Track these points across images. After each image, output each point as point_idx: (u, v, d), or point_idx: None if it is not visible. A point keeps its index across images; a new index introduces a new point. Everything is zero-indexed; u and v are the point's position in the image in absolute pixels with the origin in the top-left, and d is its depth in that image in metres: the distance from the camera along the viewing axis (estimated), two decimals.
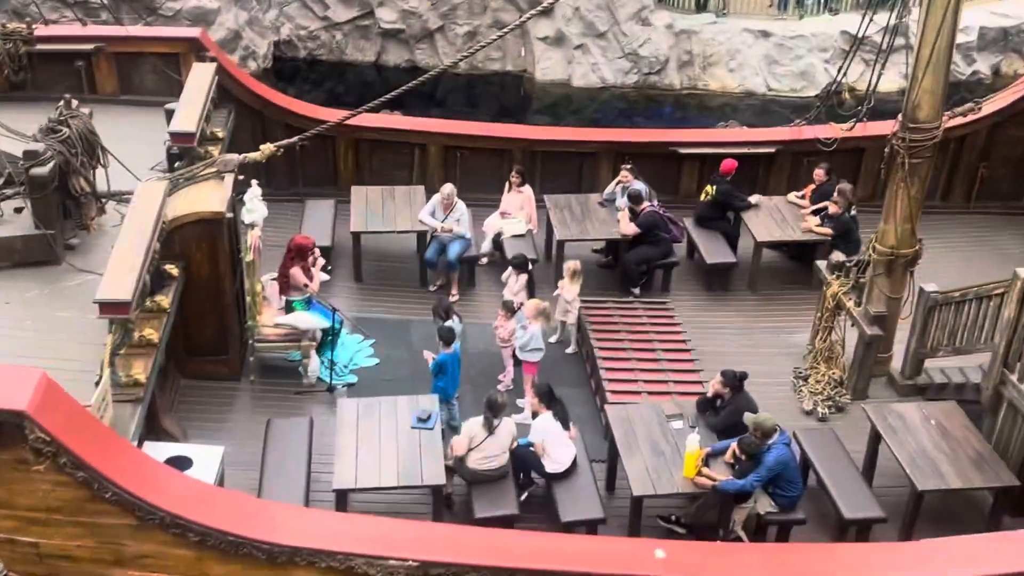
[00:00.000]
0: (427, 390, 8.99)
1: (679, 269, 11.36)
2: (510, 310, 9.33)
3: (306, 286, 9.14)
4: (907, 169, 8.75)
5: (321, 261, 9.43)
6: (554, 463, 8.14)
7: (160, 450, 7.57)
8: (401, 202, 11.39)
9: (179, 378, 9.24)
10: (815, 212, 11.33)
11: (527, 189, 11.36)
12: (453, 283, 10.98)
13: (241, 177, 9.27)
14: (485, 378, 9.74)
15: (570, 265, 9.94)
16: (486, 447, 7.96)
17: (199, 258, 8.77)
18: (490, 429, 7.92)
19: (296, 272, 9.19)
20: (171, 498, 6.34)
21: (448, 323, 9.03)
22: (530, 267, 9.94)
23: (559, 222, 11.18)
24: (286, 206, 12.39)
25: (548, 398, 8.10)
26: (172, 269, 8.57)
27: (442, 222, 10.81)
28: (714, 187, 11.45)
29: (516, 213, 11.38)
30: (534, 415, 8.33)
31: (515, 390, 9.57)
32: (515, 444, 8.15)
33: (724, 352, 10.10)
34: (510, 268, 9.81)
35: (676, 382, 9.23)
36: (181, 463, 7.44)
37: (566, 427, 8.12)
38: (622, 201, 11.27)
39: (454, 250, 10.83)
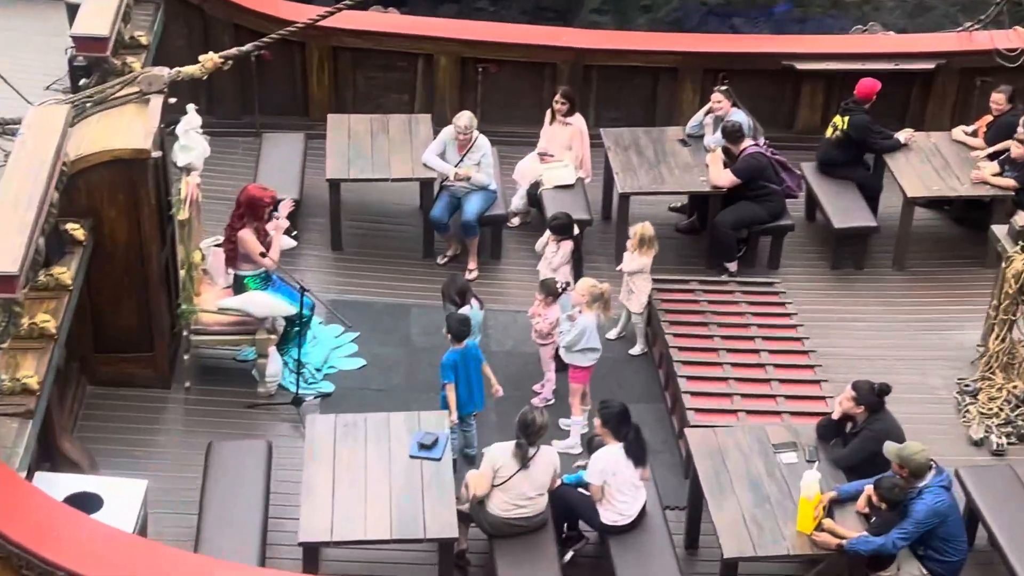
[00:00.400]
0: (433, 403, 9.01)
1: (794, 236, 11.30)
2: (552, 293, 9.31)
3: (263, 256, 9.17)
4: None
5: (284, 222, 9.46)
6: (615, 513, 8.11)
7: (58, 484, 7.62)
8: (398, 138, 11.40)
9: (85, 384, 9.32)
10: (992, 156, 11.21)
11: (577, 120, 11.34)
12: (471, 254, 11.00)
13: (173, 101, 9.28)
14: (516, 388, 9.74)
15: (637, 230, 9.90)
16: (516, 485, 7.95)
17: (113, 215, 8.82)
18: (522, 460, 7.90)
19: (249, 237, 9.21)
20: (73, 552, 6.39)
21: (463, 310, 9.02)
22: (577, 231, 9.89)
23: (622, 167, 11.17)
24: (236, 142, 12.47)
25: (619, 423, 7.98)
26: (76, 231, 8.62)
27: (456, 166, 10.80)
28: (846, 119, 11.37)
29: (561, 154, 11.37)
30: (591, 442, 8.30)
31: (558, 405, 9.56)
32: (558, 482, 8.15)
33: (857, 355, 10.05)
34: (548, 233, 9.78)
35: (788, 397, 9.19)
36: (87, 503, 7.49)
37: (640, 464, 8.08)
38: (713, 138, 11.22)
39: (473, 207, 10.83)
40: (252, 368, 9.54)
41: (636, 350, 10.20)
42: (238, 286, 9.36)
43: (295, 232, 9.56)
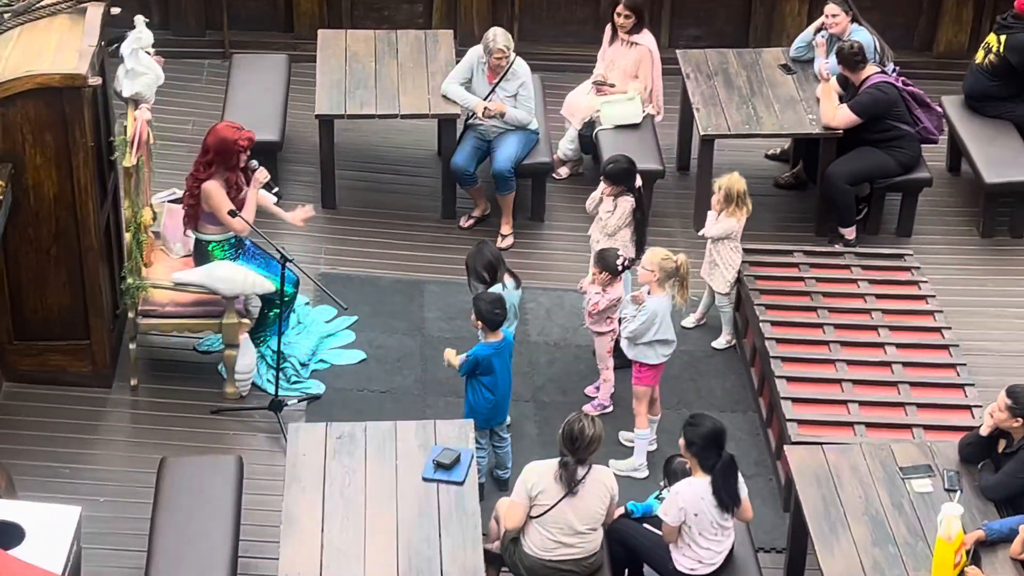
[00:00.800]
0: (453, 410, 9.01)
1: (931, 193, 11.28)
2: (610, 269, 9.27)
3: (233, 216, 9.19)
4: None
5: (262, 172, 9.49)
6: (693, 560, 8.06)
7: None
8: (409, 61, 11.43)
9: (1, 381, 9.38)
10: None
11: (646, 39, 11.30)
12: (504, 214, 11.02)
13: (117, 12, 9.32)
14: (562, 392, 9.76)
15: (724, 183, 9.86)
16: (559, 517, 7.92)
17: (38, 161, 8.85)
18: (568, 484, 7.91)
19: (216, 191, 9.22)
20: None
21: (495, 288, 9.01)
22: (640, 183, 9.85)
23: (705, 102, 11.15)
24: (199, 66, 12.52)
25: (708, 447, 7.93)
26: None
27: (486, 99, 10.81)
28: (1003, 38, 11.29)
29: (624, 84, 11.35)
30: (668, 466, 8.24)
31: (618, 414, 9.57)
32: (617, 513, 8.15)
33: (1014, 351, 10.02)
34: (602, 183, 9.73)
35: (921, 405, 9.15)
36: (3, 535, 7.56)
37: (727, 511, 8.02)
38: (826, 64, 11.16)
39: (507, 152, 10.84)
40: (218, 362, 9.58)
41: (721, 342, 10.18)
42: (200, 254, 9.39)
43: (276, 188, 9.59)
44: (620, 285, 9.29)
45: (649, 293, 9.03)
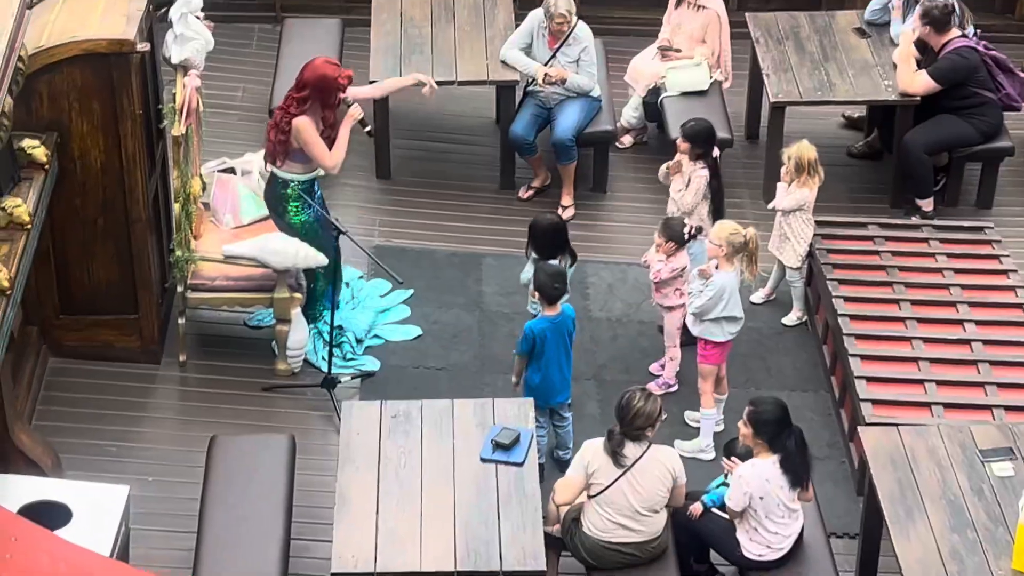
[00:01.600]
0: (508, 387, 9.02)
1: (1014, 163, 11.20)
2: (676, 238, 9.24)
3: (324, 155, 9.18)
4: None
5: (357, 109, 9.40)
6: (762, 544, 8.06)
7: (11, 489, 7.74)
8: (467, 25, 11.43)
9: (47, 356, 9.45)
10: None
11: (713, 2, 11.27)
12: (565, 185, 11.02)
13: None
14: (624, 368, 9.76)
15: (794, 152, 9.80)
16: (617, 497, 7.91)
17: (85, 130, 8.90)
18: (614, 457, 7.88)
19: (308, 127, 9.19)
20: None
21: (554, 262, 9.00)
22: (717, 153, 9.81)
23: (775, 67, 11.10)
24: (249, 31, 12.56)
25: (777, 430, 7.87)
26: (36, 150, 8.71)
27: (547, 64, 10.79)
28: None
29: (691, 49, 11.31)
30: (729, 447, 8.23)
31: (683, 393, 9.56)
32: (681, 497, 8.13)
33: None
34: (679, 152, 9.69)
35: (1003, 385, 9.08)
36: (50, 514, 7.62)
37: (799, 484, 8.02)
38: (904, 25, 11.06)
39: (569, 120, 10.83)
40: (269, 337, 9.63)
41: (791, 319, 10.14)
42: (273, 193, 9.38)
43: (369, 127, 9.59)
44: (684, 254, 9.26)
45: (717, 267, 9.00)
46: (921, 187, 10.87)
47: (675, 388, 9.57)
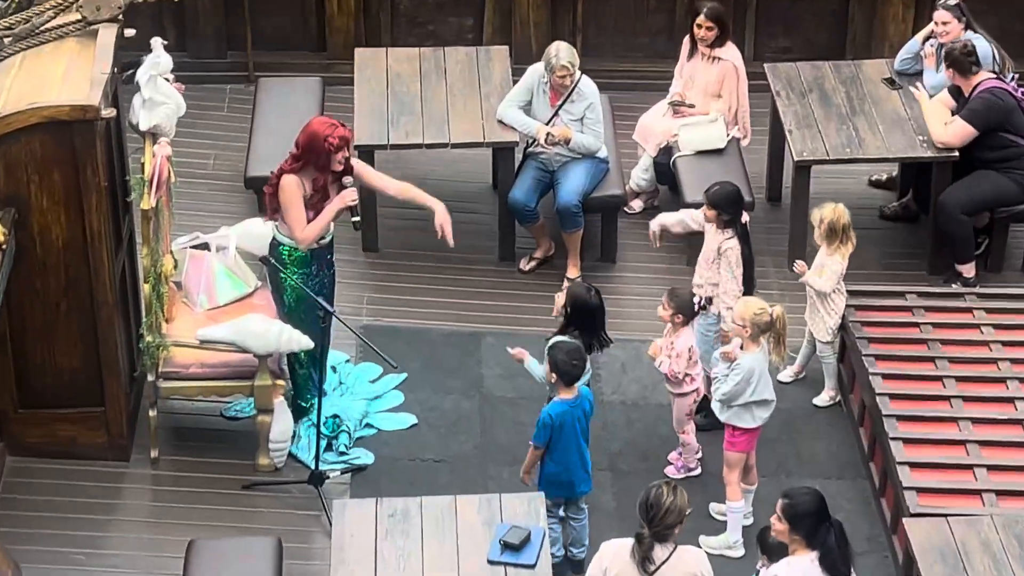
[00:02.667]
0: (515, 480, 8.99)
1: None
2: (685, 310, 9.21)
3: (296, 223, 9.23)
4: None
5: (352, 194, 9.35)
6: None
7: None
8: (459, 82, 11.47)
9: (5, 455, 9.40)
10: None
11: (730, 53, 11.31)
12: (571, 255, 11.03)
13: (131, 33, 9.37)
14: (641, 457, 9.74)
15: (826, 215, 9.81)
16: None
17: (45, 204, 8.90)
18: (643, 564, 7.84)
19: (292, 187, 9.21)
20: None
21: (566, 337, 8.95)
22: (746, 219, 9.79)
23: (798, 123, 11.14)
24: (219, 92, 12.57)
25: (815, 524, 7.82)
26: None
27: (549, 124, 10.83)
28: None
29: (706, 104, 11.36)
30: (763, 539, 8.19)
31: (708, 481, 9.54)
32: None
33: None
34: (705, 220, 9.66)
35: None
36: None
37: (847, 573, 7.91)
38: (936, 79, 11.14)
39: (574, 184, 10.85)
40: (249, 429, 9.58)
41: (824, 399, 10.13)
42: (273, 251, 9.39)
43: (358, 219, 9.58)
44: (688, 332, 9.25)
45: (741, 348, 8.99)
46: (961, 251, 10.88)
47: (697, 472, 9.56)
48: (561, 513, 8.85)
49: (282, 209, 9.28)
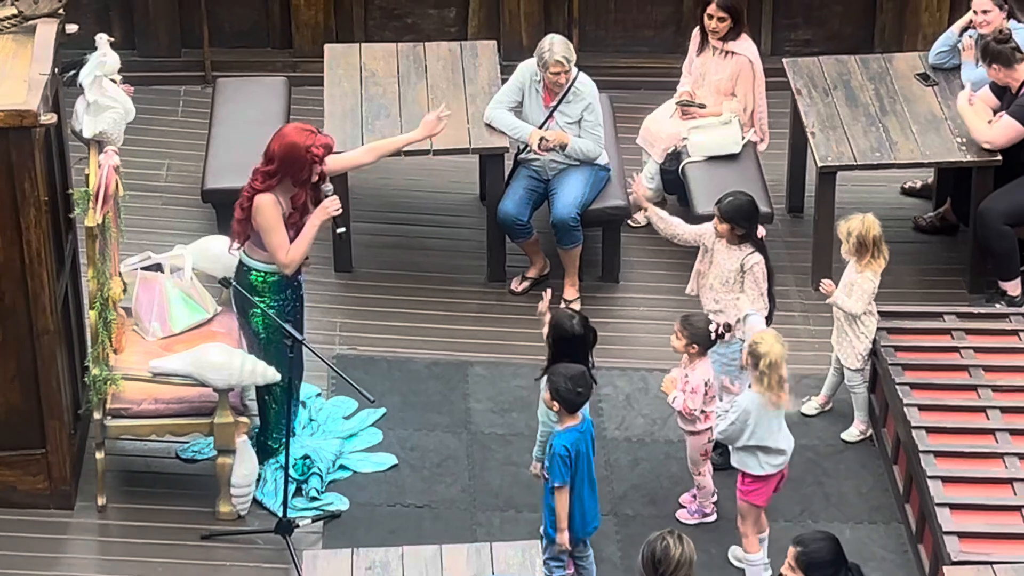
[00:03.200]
0: (512, 527, 9.01)
1: None
2: (700, 338, 9.21)
3: (280, 248, 9.19)
4: None
5: (334, 203, 9.32)
6: None
7: None
8: (442, 81, 11.49)
9: None
10: None
11: (745, 47, 11.35)
12: (569, 273, 11.06)
13: (73, 29, 9.38)
14: (648, 500, 9.74)
15: (854, 227, 9.81)
16: None
17: None
18: None
19: (269, 207, 9.15)
20: None
21: (564, 367, 8.93)
22: (762, 233, 9.79)
23: (821, 124, 11.16)
24: (172, 95, 12.58)
25: (832, 571, 7.81)
26: None
27: (543, 127, 10.85)
28: None
29: (718, 104, 11.39)
30: None
31: (724, 526, 9.55)
32: None
33: None
34: (717, 235, 9.67)
35: None
36: None
37: None
38: (975, 73, 11.17)
39: (570, 193, 10.88)
40: (208, 472, 9.56)
41: (853, 433, 10.13)
42: (240, 281, 9.36)
43: (343, 229, 9.62)
44: (705, 364, 9.23)
45: (749, 387, 8.98)
46: (1005, 267, 10.91)
47: (712, 517, 9.56)
48: (565, 556, 8.86)
49: (261, 233, 9.22)
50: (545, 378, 8.70)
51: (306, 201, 9.27)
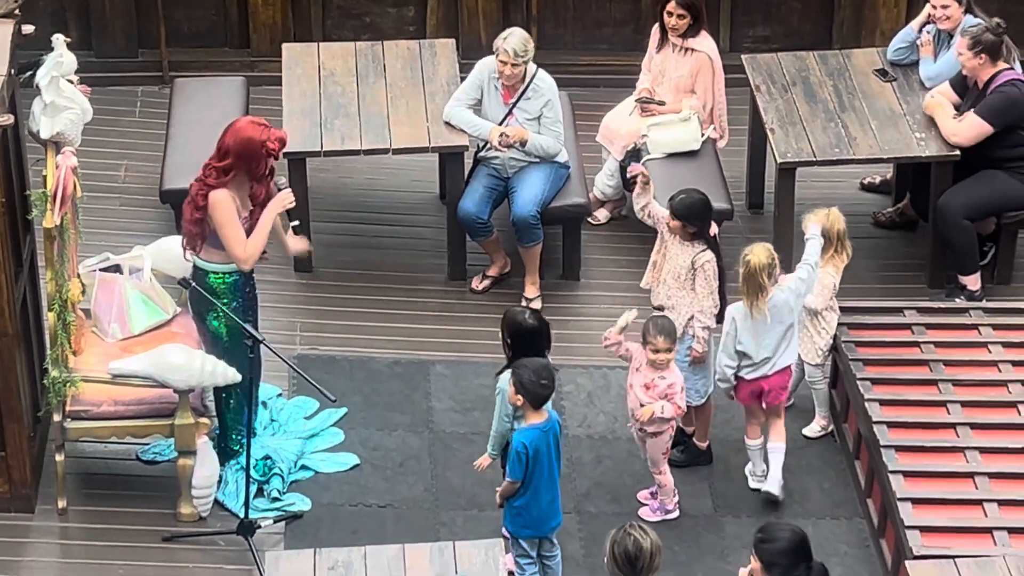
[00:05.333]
0: (476, 525, 9.02)
1: None
2: (673, 339, 9.24)
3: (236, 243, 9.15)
4: None
5: (288, 195, 9.31)
6: None
7: None
8: (400, 80, 11.49)
9: None
10: None
11: (704, 44, 11.37)
12: (529, 272, 11.06)
13: (29, 30, 9.37)
14: (611, 498, 9.76)
15: (820, 220, 9.81)
16: None
17: None
18: None
19: (225, 203, 9.10)
20: None
21: (529, 360, 8.89)
22: (715, 230, 9.82)
23: (780, 120, 11.20)
24: (129, 95, 12.55)
25: (794, 563, 7.78)
26: None
27: (502, 124, 10.86)
28: None
29: (677, 101, 11.41)
30: None
31: (684, 523, 9.57)
32: None
33: None
34: (669, 232, 9.70)
35: None
36: None
37: None
38: (933, 69, 11.23)
39: (530, 191, 10.88)
40: (169, 474, 9.54)
41: (814, 429, 10.17)
42: (199, 286, 9.29)
43: (296, 222, 9.54)
44: (672, 371, 9.27)
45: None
46: (964, 261, 10.94)
47: (675, 514, 9.60)
48: (534, 553, 8.87)
49: (218, 228, 9.18)
50: (508, 372, 8.69)
51: (265, 197, 9.25)
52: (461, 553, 8.29)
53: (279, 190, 9.31)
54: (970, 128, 10.72)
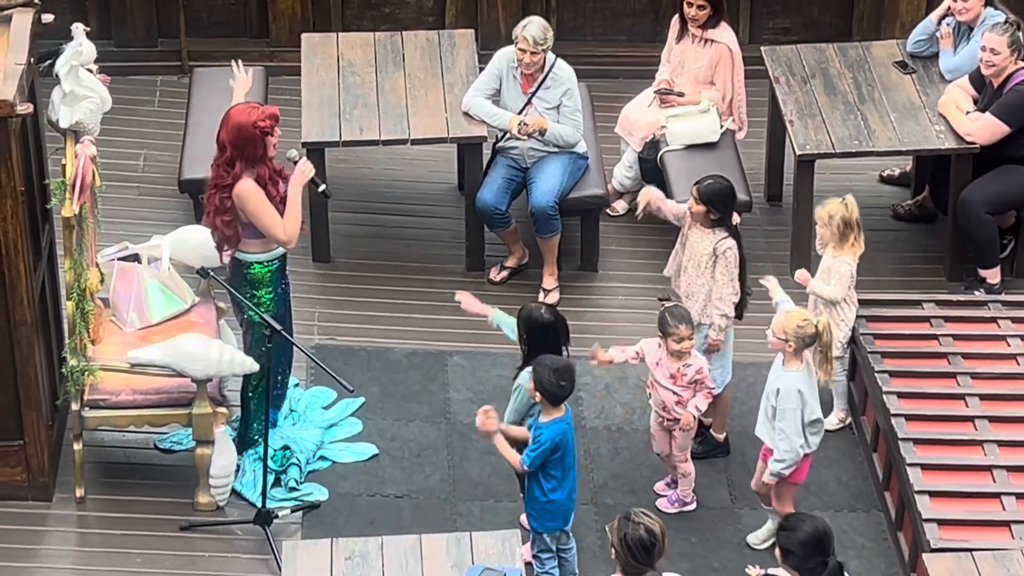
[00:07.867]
0: (492, 516, 9.00)
1: None
2: (691, 327, 9.24)
3: (275, 224, 9.14)
4: None
5: (307, 164, 9.33)
6: None
7: None
8: (419, 70, 11.50)
9: None
10: None
11: (724, 35, 11.36)
12: (548, 263, 11.06)
13: (49, 19, 9.36)
14: (628, 489, 9.78)
15: (835, 211, 9.79)
16: None
17: None
18: None
19: (252, 191, 9.13)
20: None
21: (550, 358, 8.90)
22: (737, 220, 9.81)
23: (800, 112, 11.19)
24: (149, 84, 12.57)
25: (809, 555, 7.71)
26: None
27: (521, 113, 10.86)
28: None
29: (696, 92, 11.40)
30: None
31: (701, 513, 9.57)
32: None
33: None
34: (691, 216, 9.66)
35: None
36: None
37: None
38: (953, 61, 11.22)
39: (549, 182, 10.88)
40: (187, 463, 9.56)
41: (832, 421, 10.13)
42: (239, 277, 9.34)
43: (324, 186, 9.60)
44: (697, 359, 9.26)
45: (783, 364, 8.97)
46: (984, 254, 10.93)
47: (692, 507, 9.59)
48: (555, 547, 8.88)
49: (254, 218, 9.17)
50: (529, 368, 8.70)
51: (271, 175, 9.24)
52: (478, 543, 8.31)
53: (295, 163, 9.33)
54: (986, 128, 10.71)
